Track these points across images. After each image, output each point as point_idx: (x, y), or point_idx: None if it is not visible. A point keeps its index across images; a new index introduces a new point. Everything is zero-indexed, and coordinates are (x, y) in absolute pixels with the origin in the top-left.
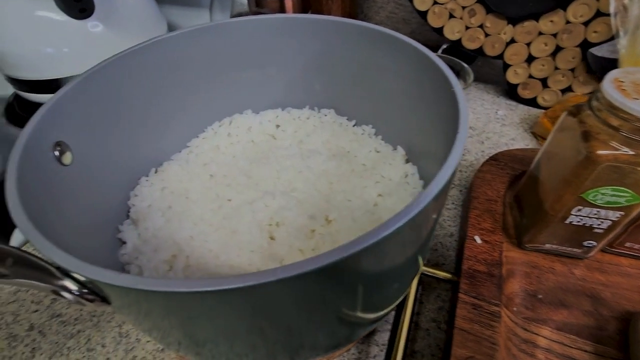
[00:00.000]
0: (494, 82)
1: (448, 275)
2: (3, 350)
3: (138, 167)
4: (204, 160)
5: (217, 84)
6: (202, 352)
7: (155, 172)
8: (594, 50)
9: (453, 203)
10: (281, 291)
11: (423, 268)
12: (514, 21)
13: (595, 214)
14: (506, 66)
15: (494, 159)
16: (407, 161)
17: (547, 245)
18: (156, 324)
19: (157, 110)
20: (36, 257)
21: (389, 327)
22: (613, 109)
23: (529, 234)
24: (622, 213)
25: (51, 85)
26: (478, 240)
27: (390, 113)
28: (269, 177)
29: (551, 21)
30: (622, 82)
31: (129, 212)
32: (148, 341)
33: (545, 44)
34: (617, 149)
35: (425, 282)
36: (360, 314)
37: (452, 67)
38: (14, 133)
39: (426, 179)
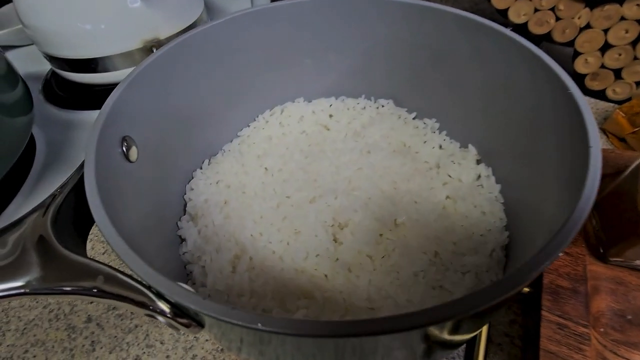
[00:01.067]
0: None
1: (525, 289)
2: (64, 341)
3: (192, 159)
4: (257, 152)
5: (270, 70)
6: (264, 355)
7: (209, 163)
8: None
9: None
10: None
11: None
12: (592, 4)
13: None
14: (576, 54)
15: None
16: (479, 162)
17: (638, 262)
18: (241, 345)
19: (212, 98)
20: (126, 275)
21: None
22: None
23: (616, 248)
24: None
25: (90, 65)
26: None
27: (462, 107)
28: (327, 173)
29: (638, 5)
30: None
31: (185, 206)
32: (207, 340)
33: (627, 31)
34: None
35: None
36: (445, 340)
37: None
38: (53, 112)
39: (504, 183)
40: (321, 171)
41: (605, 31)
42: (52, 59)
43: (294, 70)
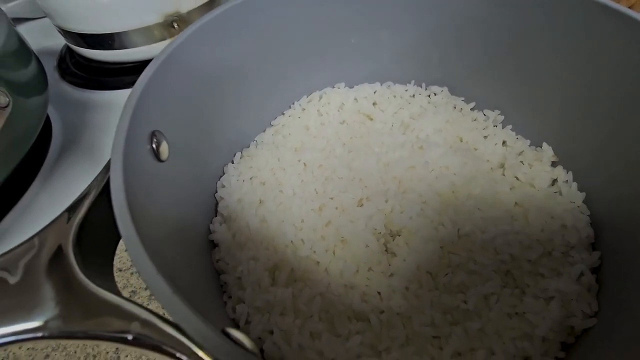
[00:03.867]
0: None
1: None
2: None
3: (223, 151)
4: (294, 144)
5: (309, 50)
6: None
7: (241, 157)
8: None
9: None
10: None
11: None
12: None
13: None
14: None
15: None
16: (555, 164)
17: None
18: None
19: (244, 82)
20: (166, 321)
21: None
22: None
23: None
24: None
25: (106, 41)
26: None
27: (534, 97)
28: (374, 171)
29: None
30: None
31: (217, 206)
32: None
33: None
34: None
35: None
36: None
37: None
38: (69, 91)
39: (590, 191)
40: (367, 169)
41: None
42: (66, 33)
43: (336, 51)
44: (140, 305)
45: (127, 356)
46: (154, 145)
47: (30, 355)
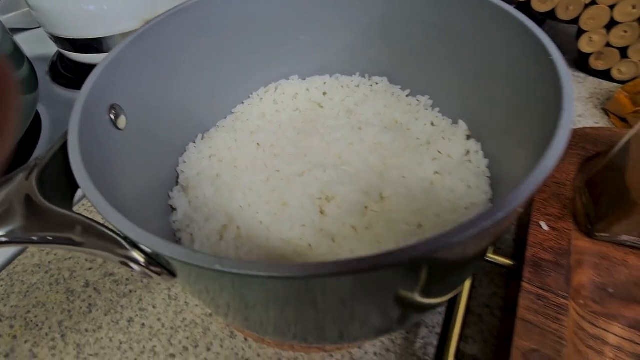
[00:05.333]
0: (562, 51)
1: (508, 262)
2: (63, 303)
3: (186, 132)
4: (251, 128)
5: (265, 47)
6: (249, 320)
7: (202, 138)
8: None
9: None
10: (340, 282)
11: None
12: None
13: None
14: (580, 32)
15: None
16: (469, 137)
17: (624, 237)
18: (217, 297)
19: (205, 73)
20: (103, 226)
21: (440, 309)
22: None
23: (604, 223)
24: None
25: (93, 45)
26: (544, 226)
27: (453, 83)
28: (318, 149)
29: None
30: None
31: (178, 178)
32: (196, 305)
33: (634, 7)
34: None
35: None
36: (419, 301)
37: None
38: (58, 92)
39: (492, 158)
40: (312, 147)
41: (612, 7)
42: (56, 39)
43: (289, 47)
44: (84, 216)
45: (97, 310)
46: (111, 116)
47: (13, 311)
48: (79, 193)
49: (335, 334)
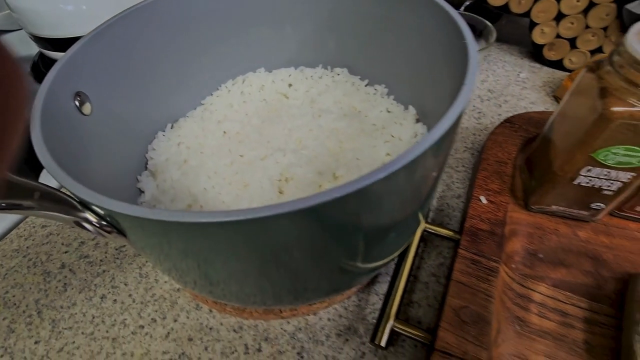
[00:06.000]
0: (519, 43)
1: (451, 233)
2: (39, 283)
3: (155, 121)
4: (218, 117)
5: (230, 42)
6: (215, 290)
7: (172, 127)
8: (631, 7)
9: (464, 166)
10: (276, 228)
11: (426, 225)
12: None
13: (605, 175)
14: (532, 25)
15: (509, 121)
16: (418, 121)
17: (554, 207)
18: (167, 257)
19: (173, 66)
20: (60, 191)
21: (389, 279)
22: (636, 64)
23: (536, 195)
24: (633, 174)
25: (72, 44)
26: (483, 200)
27: (403, 72)
28: (280, 135)
29: None
30: None
31: (147, 164)
32: (166, 281)
33: (578, 0)
34: (634, 106)
35: (428, 240)
36: (359, 263)
37: (474, 26)
38: None
39: None
40: (275, 133)
41: (558, 0)
42: (37, 39)
43: (255, 42)
44: (42, 183)
45: (72, 289)
46: (76, 102)
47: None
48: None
49: (286, 291)
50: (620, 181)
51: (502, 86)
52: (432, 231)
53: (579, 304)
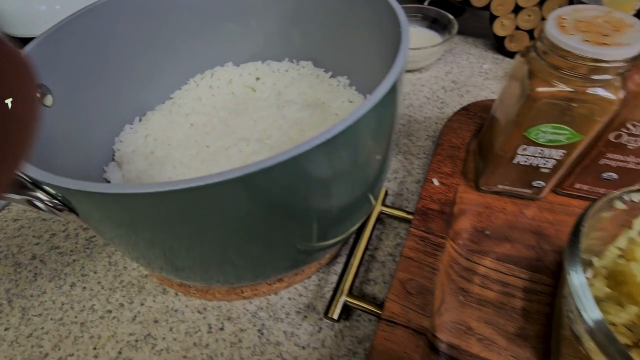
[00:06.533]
0: (483, 36)
1: (405, 215)
2: (10, 274)
3: (123, 114)
4: (186, 111)
5: (198, 37)
6: (180, 274)
7: (140, 120)
8: None
9: (425, 153)
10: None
11: (382, 208)
12: None
13: (540, 153)
14: (493, 17)
15: (465, 109)
16: None
17: (500, 187)
18: (118, 235)
19: (140, 60)
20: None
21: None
22: (553, 47)
23: (484, 176)
24: (564, 151)
25: None
26: (436, 182)
27: (361, 63)
28: (246, 126)
29: None
30: (564, 19)
31: (114, 155)
32: (134, 268)
33: None
34: (555, 86)
35: (387, 222)
36: (309, 240)
37: (438, 20)
38: None
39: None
40: (241, 125)
41: None
42: (10, 38)
43: (222, 36)
44: None
45: (43, 278)
46: (37, 94)
47: None
48: None
49: (243, 267)
50: (554, 159)
51: (465, 77)
52: (389, 213)
53: (520, 275)
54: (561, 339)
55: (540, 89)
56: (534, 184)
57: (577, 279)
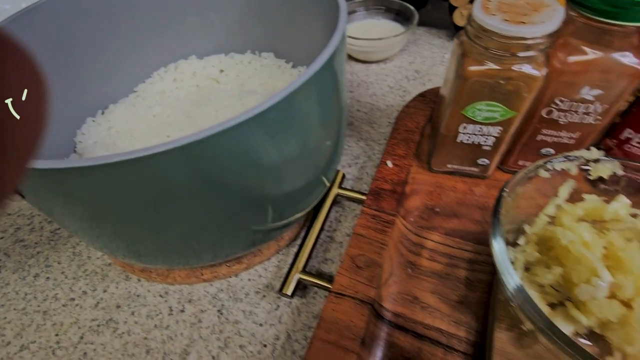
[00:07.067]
0: (445, 27)
1: (360, 196)
2: None
3: (85, 108)
4: (150, 103)
5: (159, 31)
6: (143, 259)
7: (102, 113)
8: None
9: (385, 139)
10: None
11: (339, 190)
12: None
13: (479, 131)
14: (452, 8)
15: (422, 95)
16: None
17: (449, 166)
18: (63, 214)
19: (103, 55)
20: None
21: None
22: (480, 28)
23: (434, 157)
24: (501, 128)
25: None
26: (390, 164)
27: (317, 54)
28: (209, 116)
29: None
30: (489, 1)
31: (75, 148)
32: (98, 257)
33: None
34: (485, 65)
35: (346, 205)
36: (262, 219)
37: (402, 12)
38: None
39: None
40: (204, 115)
41: None
42: None
43: (184, 30)
44: None
45: (6, 270)
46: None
47: None
48: None
49: (201, 245)
50: (493, 136)
51: (428, 67)
52: (346, 195)
53: (466, 248)
54: (497, 302)
55: (471, 68)
56: (479, 161)
57: (498, 247)
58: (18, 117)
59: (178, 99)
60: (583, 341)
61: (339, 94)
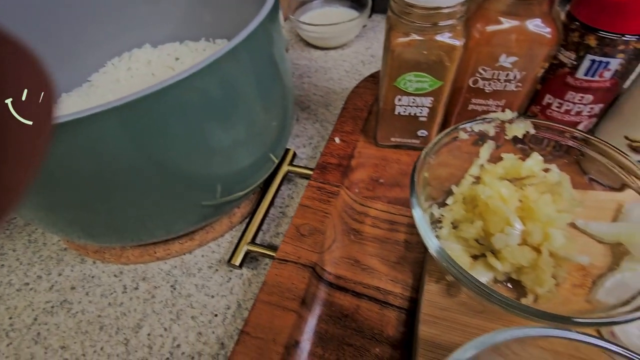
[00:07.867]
0: None
1: (308, 172)
2: None
3: None
4: (104, 92)
5: (111, 20)
6: (96, 239)
7: None
8: None
9: None
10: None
11: (289, 167)
12: None
13: (413, 102)
14: None
15: (372, 76)
16: None
17: (393, 139)
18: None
19: (54, 42)
20: None
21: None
22: (404, 3)
23: (378, 131)
24: (432, 98)
25: None
26: (337, 140)
27: None
28: None
29: None
30: None
31: None
32: (54, 243)
33: None
34: (409, 36)
35: (298, 182)
36: (209, 193)
37: (359, 0)
38: None
39: None
40: None
41: None
42: None
43: (135, 18)
44: None
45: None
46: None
47: None
48: None
49: (151, 219)
50: (426, 106)
51: None
52: (295, 172)
53: (406, 214)
54: (429, 258)
55: (397, 40)
56: (419, 133)
57: (417, 214)
58: (28, 122)
59: (132, 86)
60: (503, 287)
61: (279, 72)
